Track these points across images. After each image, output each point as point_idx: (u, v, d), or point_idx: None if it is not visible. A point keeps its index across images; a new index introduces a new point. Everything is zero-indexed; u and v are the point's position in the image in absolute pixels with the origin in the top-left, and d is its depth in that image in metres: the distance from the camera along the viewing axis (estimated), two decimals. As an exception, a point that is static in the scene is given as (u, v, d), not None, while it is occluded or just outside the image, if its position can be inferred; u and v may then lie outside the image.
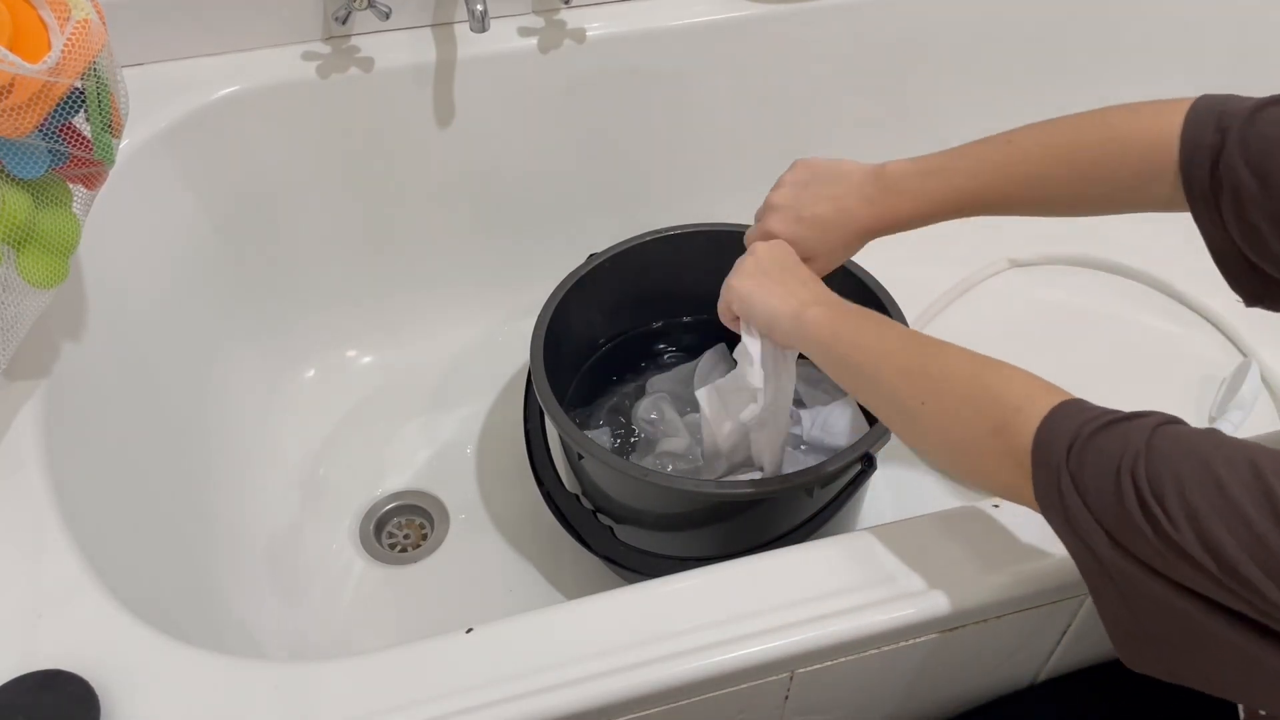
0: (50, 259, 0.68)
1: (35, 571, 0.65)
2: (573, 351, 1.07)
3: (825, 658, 0.63)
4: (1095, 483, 0.50)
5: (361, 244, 1.16)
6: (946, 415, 0.60)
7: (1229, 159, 0.60)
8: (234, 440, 1.07)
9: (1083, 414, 0.53)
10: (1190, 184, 0.62)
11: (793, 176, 0.79)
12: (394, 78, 1.05)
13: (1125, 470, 0.48)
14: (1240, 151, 0.59)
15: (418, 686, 0.59)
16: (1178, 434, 0.49)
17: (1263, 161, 0.58)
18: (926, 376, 0.62)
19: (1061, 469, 0.52)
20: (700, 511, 0.88)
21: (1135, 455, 0.48)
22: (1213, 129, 0.61)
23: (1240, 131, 0.60)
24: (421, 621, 0.99)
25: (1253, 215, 0.59)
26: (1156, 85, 1.33)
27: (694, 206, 1.21)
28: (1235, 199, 0.60)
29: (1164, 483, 0.47)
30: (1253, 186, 0.58)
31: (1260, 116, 0.60)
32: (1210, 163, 0.61)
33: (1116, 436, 0.50)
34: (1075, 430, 0.52)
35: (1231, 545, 0.44)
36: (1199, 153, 0.62)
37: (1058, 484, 0.52)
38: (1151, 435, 0.49)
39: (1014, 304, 1.28)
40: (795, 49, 1.15)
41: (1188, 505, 0.46)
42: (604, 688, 0.59)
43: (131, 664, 0.60)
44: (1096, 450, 0.50)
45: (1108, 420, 0.52)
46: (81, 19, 0.63)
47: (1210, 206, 0.62)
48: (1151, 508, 0.47)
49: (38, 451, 0.71)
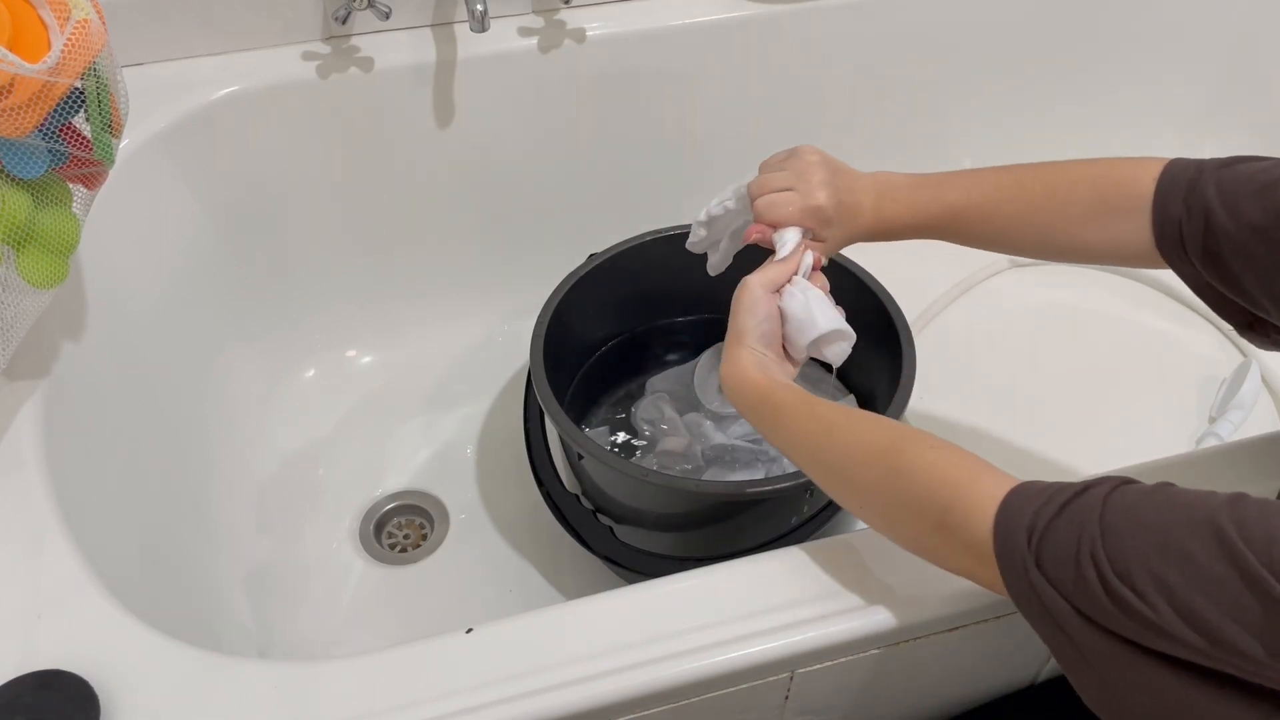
0: (50, 259, 0.68)
1: (35, 571, 0.65)
2: (573, 351, 1.07)
3: (825, 658, 0.63)
4: (1057, 572, 0.49)
5: (361, 244, 1.16)
6: (889, 514, 0.60)
7: (1202, 190, 0.62)
8: (234, 440, 1.07)
9: (1034, 499, 0.52)
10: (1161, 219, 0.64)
11: (817, 159, 0.78)
12: (394, 78, 1.05)
13: (1085, 556, 0.47)
14: (1214, 185, 0.61)
15: (418, 686, 0.59)
16: (1129, 503, 0.48)
17: (1234, 191, 0.60)
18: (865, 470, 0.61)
19: (1028, 563, 0.50)
20: (700, 511, 0.88)
21: (1091, 539, 0.47)
22: (1191, 169, 0.64)
23: (1215, 173, 0.62)
24: (421, 621, 0.99)
25: (1220, 245, 0.61)
26: (1157, 85, 1.33)
27: (694, 206, 1.20)
28: (1205, 230, 0.61)
29: (1128, 562, 0.46)
30: (1221, 214, 0.60)
31: (1236, 165, 0.62)
32: (1183, 196, 0.63)
33: (1069, 521, 0.49)
34: (1031, 521, 0.51)
35: (1214, 614, 0.43)
36: (1174, 189, 0.64)
37: (1027, 577, 0.50)
38: (1103, 510, 0.48)
39: (1014, 304, 1.28)
40: (795, 49, 1.15)
41: (1159, 582, 0.45)
42: (604, 688, 0.59)
43: (131, 664, 0.60)
44: (1053, 539, 0.49)
45: (1060, 503, 0.50)
46: (81, 19, 0.63)
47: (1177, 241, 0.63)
48: (1119, 591, 0.46)
49: (38, 451, 0.71)
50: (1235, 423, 1.10)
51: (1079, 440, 1.10)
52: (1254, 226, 0.59)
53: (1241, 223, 0.59)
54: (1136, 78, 1.32)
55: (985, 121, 1.31)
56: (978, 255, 1.33)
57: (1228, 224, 0.60)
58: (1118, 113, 1.35)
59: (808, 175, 0.76)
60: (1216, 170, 0.62)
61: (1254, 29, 1.29)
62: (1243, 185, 0.60)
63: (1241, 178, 0.60)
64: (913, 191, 0.75)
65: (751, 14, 1.12)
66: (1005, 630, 0.67)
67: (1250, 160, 0.62)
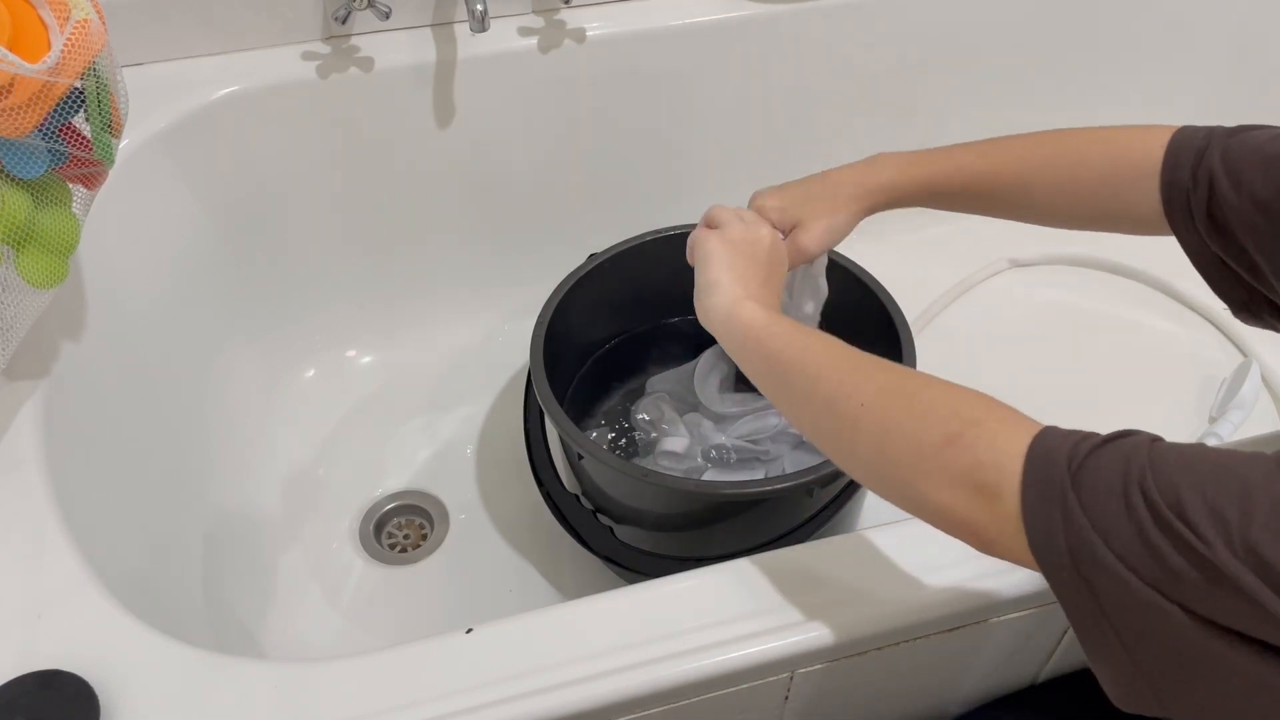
0: (50, 259, 0.68)
1: (35, 571, 0.65)
2: (573, 351, 1.07)
3: (825, 658, 0.63)
4: (1097, 504, 0.45)
5: (361, 244, 1.16)
6: (888, 420, 0.54)
7: (1208, 161, 0.61)
8: (234, 440, 1.07)
9: (1072, 435, 0.49)
10: (1169, 185, 0.63)
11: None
12: (394, 78, 1.05)
13: (1133, 485, 0.44)
14: (1220, 154, 0.61)
15: (418, 686, 0.59)
16: (1177, 446, 0.45)
17: (1238, 162, 0.59)
18: (870, 378, 0.56)
19: (1065, 488, 0.46)
20: (700, 511, 0.88)
21: (1140, 468, 0.44)
22: (1200, 137, 0.63)
23: (1223, 141, 0.61)
24: (421, 621, 0.99)
25: (1225, 214, 0.60)
26: (1157, 85, 1.33)
27: (694, 206, 1.20)
28: (1209, 198, 0.61)
29: (1180, 492, 0.42)
30: (1225, 184, 0.59)
31: (1243, 132, 0.61)
32: (1191, 166, 0.62)
33: (1114, 452, 0.46)
34: (1071, 450, 0.47)
35: (1275, 553, 0.40)
36: (1183, 156, 0.63)
37: (1063, 503, 0.46)
38: (1151, 449, 0.45)
39: (1014, 304, 1.28)
40: (795, 49, 1.15)
41: (1215, 515, 0.41)
42: (604, 688, 0.59)
43: (131, 664, 0.60)
44: (1096, 468, 0.46)
45: (1101, 439, 0.47)
46: (81, 19, 0.63)
47: (1184, 208, 0.62)
48: (1171, 523, 0.42)
49: (38, 451, 0.71)
50: (1235, 423, 1.10)
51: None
52: (1256, 200, 0.58)
53: (1244, 195, 0.59)
54: (1136, 78, 1.32)
55: (985, 122, 1.31)
56: (978, 255, 1.33)
57: (1232, 196, 0.59)
58: (1118, 113, 1.34)
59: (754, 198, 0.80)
60: (1224, 139, 0.61)
61: (1254, 28, 1.29)
62: (1248, 156, 0.59)
63: (1248, 148, 0.60)
64: (909, 158, 0.75)
65: (751, 14, 1.12)
66: (1005, 630, 0.67)
67: (1259, 129, 0.61)
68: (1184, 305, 1.25)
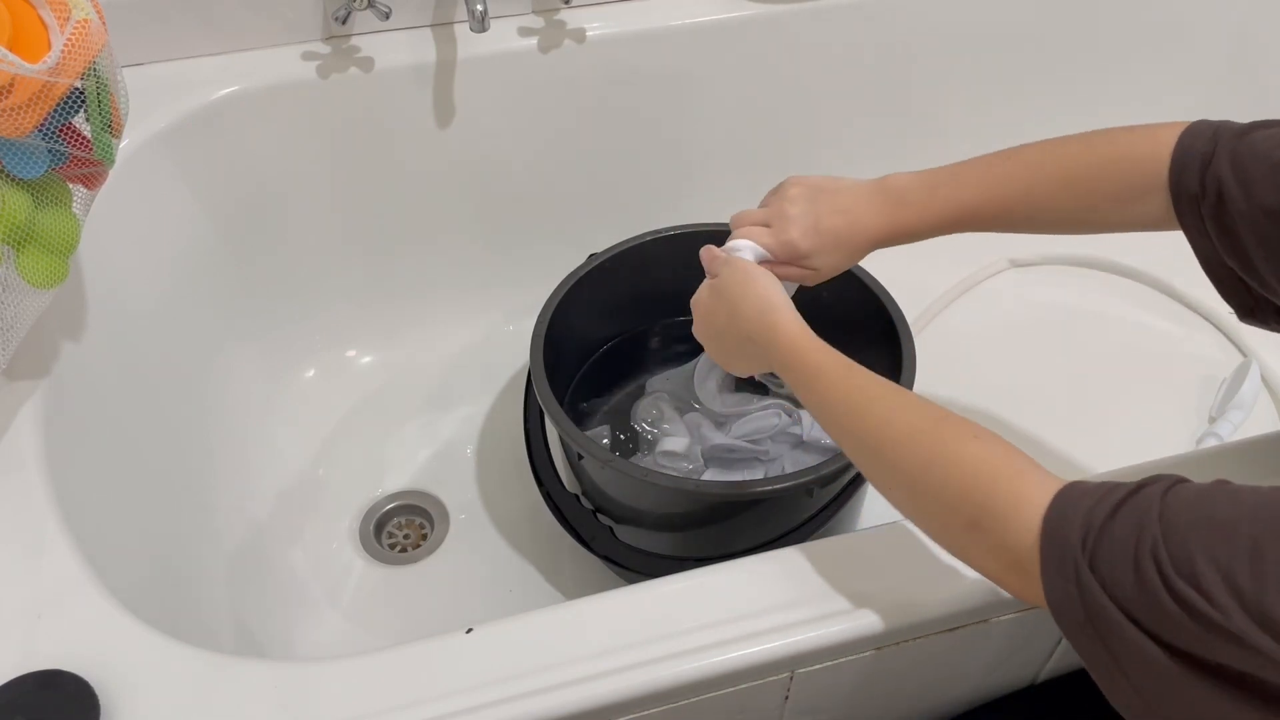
0: (50, 259, 0.68)
1: (35, 571, 0.65)
2: (573, 351, 1.07)
3: (825, 658, 0.63)
4: (1113, 574, 0.46)
5: (361, 244, 1.16)
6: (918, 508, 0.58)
7: (1217, 167, 0.60)
8: (234, 440, 1.07)
9: (1086, 498, 0.49)
10: (1179, 193, 0.62)
11: (797, 191, 0.77)
12: (394, 78, 1.05)
13: (1145, 554, 0.45)
14: (1229, 160, 0.60)
15: (418, 686, 0.59)
16: (1188, 499, 0.45)
17: (1247, 169, 0.59)
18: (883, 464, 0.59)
19: (1080, 565, 0.47)
20: (700, 511, 0.88)
21: (1152, 537, 0.45)
22: (1206, 140, 0.62)
23: (1231, 144, 0.61)
24: (421, 621, 0.99)
25: (1235, 223, 0.59)
26: (1157, 85, 1.33)
27: (694, 206, 1.21)
28: (1218, 206, 0.60)
29: (1192, 560, 0.43)
30: (1235, 192, 0.59)
31: (1252, 134, 0.60)
32: (1199, 171, 0.61)
33: (1125, 519, 0.47)
34: (1085, 520, 0.48)
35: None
36: (1190, 162, 0.62)
37: (1077, 579, 0.47)
38: (1162, 507, 0.45)
39: (1014, 304, 1.28)
40: (795, 49, 1.15)
41: (1228, 581, 0.42)
42: (604, 688, 0.59)
43: (131, 664, 0.60)
44: (1109, 538, 0.47)
45: (1113, 503, 0.48)
46: (81, 19, 0.63)
47: (1196, 215, 0.62)
48: (1183, 591, 0.43)
49: (38, 451, 0.71)
50: (1235, 423, 1.10)
51: (1079, 440, 1.10)
52: (1265, 208, 0.58)
53: (1254, 204, 0.58)
54: (1136, 78, 1.32)
55: (985, 121, 1.31)
56: (978, 255, 1.33)
57: (1242, 204, 0.58)
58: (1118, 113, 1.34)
59: (785, 210, 0.76)
60: (1232, 141, 0.60)
61: (1253, 28, 1.29)
62: (1258, 163, 0.58)
63: (1258, 153, 0.59)
64: (926, 193, 0.73)
65: (752, 14, 1.12)
66: (1005, 630, 0.67)
67: (1267, 127, 0.60)
68: (1184, 305, 1.25)
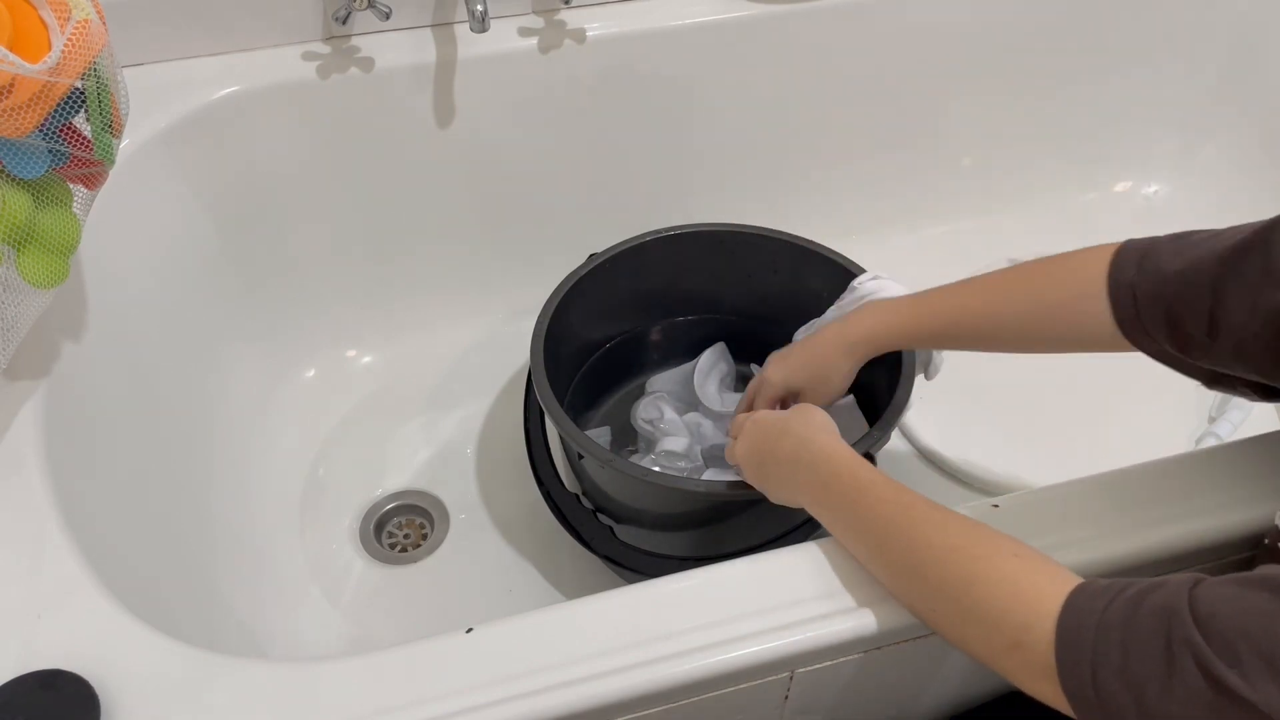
0: (50, 259, 0.68)
1: (35, 571, 0.65)
2: (573, 351, 1.07)
3: (825, 658, 0.63)
4: (1142, 667, 0.45)
5: (361, 244, 1.16)
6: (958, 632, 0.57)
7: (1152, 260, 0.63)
8: (234, 440, 1.07)
9: (1098, 597, 0.49)
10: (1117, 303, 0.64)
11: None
12: (394, 78, 1.05)
13: (1179, 645, 0.44)
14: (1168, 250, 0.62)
15: (418, 686, 0.59)
16: (1220, 593, 0.45)
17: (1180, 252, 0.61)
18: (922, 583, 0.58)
19: (1098, 667, 0.47)
20: (700, 511, 0.88)
21: (1184, 625, 0.44)
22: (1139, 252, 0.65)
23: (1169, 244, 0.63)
24: (421, 621, 0.99)
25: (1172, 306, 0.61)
26: (1156, 83, 1.33)
27: (694, 206, 1.21)
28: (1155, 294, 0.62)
29: (1236, 648, 0.43)
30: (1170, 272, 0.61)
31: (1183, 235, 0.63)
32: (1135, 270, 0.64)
33: (1152, 611, 0.46)
34: (1097, 620, 0.48)
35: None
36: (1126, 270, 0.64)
37: (1093, 683, 0.47)
38: (1191, 600, 0.45)
39: (1014, 304, 1.28)
40: (796, 49, 1.15)
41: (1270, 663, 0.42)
42: (604, 688, 0.59)
43: (131, 664, 0.60)
44: (1135, 634, 0.46)
45: (1134, 595, 0.48)
46: (82, 19, 0.63)
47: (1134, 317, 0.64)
48: (1226, 679, 0.42)
49: (38, 451, 0.71)
50: (1234, 423, 1.10)
51: (1079, 440, 1.10)
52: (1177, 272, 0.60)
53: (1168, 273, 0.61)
54: (1136, 77, 1.32)
55: (985, 121, 1.31)
56: (978, 255, 1.33)
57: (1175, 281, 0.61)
58: (1117, 111, 1.35)
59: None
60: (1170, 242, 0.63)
61: (1253, 26, 1.29)
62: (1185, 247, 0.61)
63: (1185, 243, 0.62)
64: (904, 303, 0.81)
65: (752, 14, 1.12)
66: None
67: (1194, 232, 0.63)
68: (1184, 305, 1.25)
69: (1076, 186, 1.41)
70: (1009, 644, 0.52)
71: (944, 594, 0.56)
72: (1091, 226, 1.38)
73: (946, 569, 0.56)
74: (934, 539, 0.58)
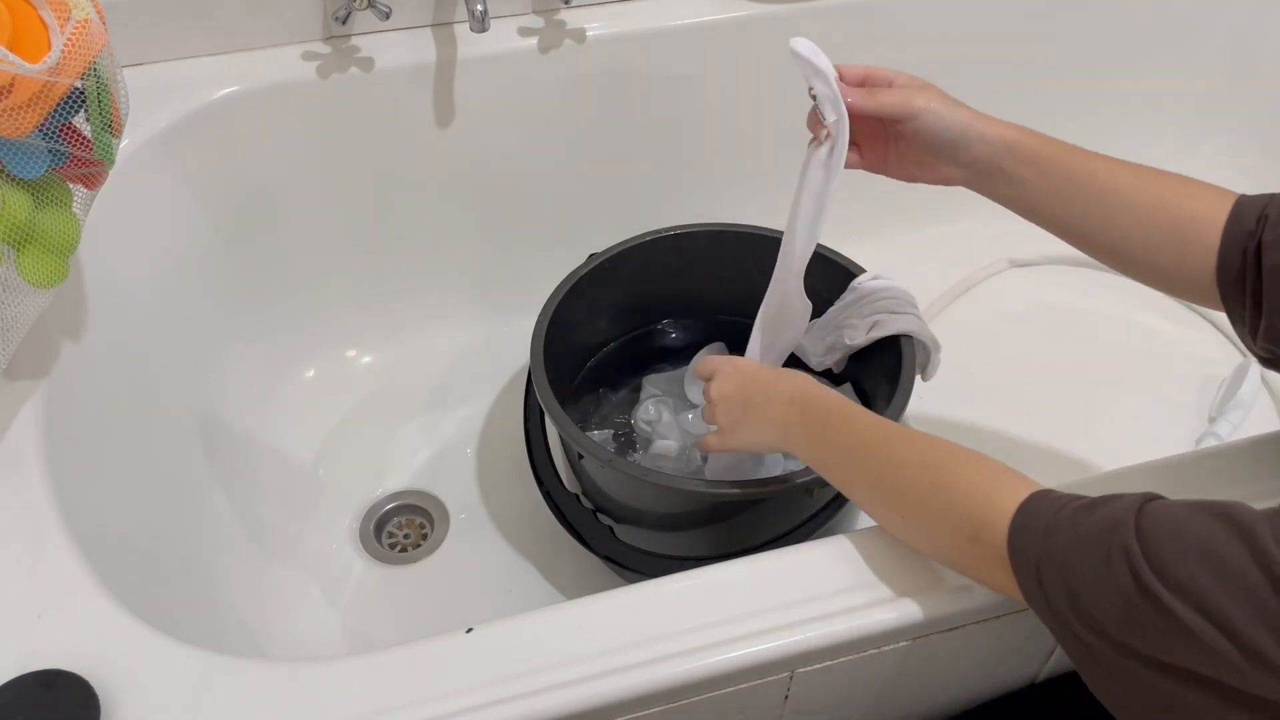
0: (50, 259, 0.68)
1: (35, 571, 0.65)
2: (573, 351, 1.07)
3: (825, 657, 0.63)
4: (1083, 570, 0.49)
5: (361, 244, 1.16)
6: (925, 531, 0.62)
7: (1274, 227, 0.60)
8: (234, 440, 1.07)
9: (1054, 502, 0.53)
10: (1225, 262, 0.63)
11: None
12: (394, 78, 1.05)
13: (1117, 551, 0.47)
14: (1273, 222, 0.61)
15: (418, 686, 0.59)
16: (1167, 509, 0.48)
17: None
18: (897, 494, 0.63)
19: (1042, 560, 0.51)
20: (700, 511, 0.88)
21: (1126, 535, 0.47)
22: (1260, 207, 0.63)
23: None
24: (421, 621, 0.99)
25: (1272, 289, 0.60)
26: (1156, 81, 1.33)
27: (694, 206, 1.21)
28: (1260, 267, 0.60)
29: (1165, 561, 0.45)
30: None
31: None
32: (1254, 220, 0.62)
33: (1099, 519, 0.49)
34: (1048, 520, 0.52)
35: (1243, 620, 0.43)
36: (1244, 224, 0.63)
37: (1037, 575, 0.52)
38: (1139, 516, 0.48)
39: (1014, 304, 1.28)
40: (795, 49, 1.15)
41: (1195, 585, 0.44)
42: (604, 688, 0.59)
43: (131, 664, 0.60)
44: (1080, 537, 0.50)
45: (1084, 504, 0.51)
46: (82, 19, 0.63)
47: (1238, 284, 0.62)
48: (1153, 587, 0.45)
49: (38, 451, 0.71)
50: (1235, 423, 1.10)
51: (1079, 440, 1.10)
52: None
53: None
54: (1136, 78, 1.32)
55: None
56: (978, 255, 1.33)
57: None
58: (1117, 112, 1.35)
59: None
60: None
61: (1253, 26, 1.29)
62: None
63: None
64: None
65: (752, 14, 1.12)
66: (1005, 630, 0.67)
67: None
68: (1184, 305, 1.25)
69: (1076, 186, 1.41)
70: (969, 538, 0.57)
71: (915, 501, 0.62)
72: (1091, 226, 1.38)
73: (919, 478, 0.62)
74: (909, 456, 0.63)
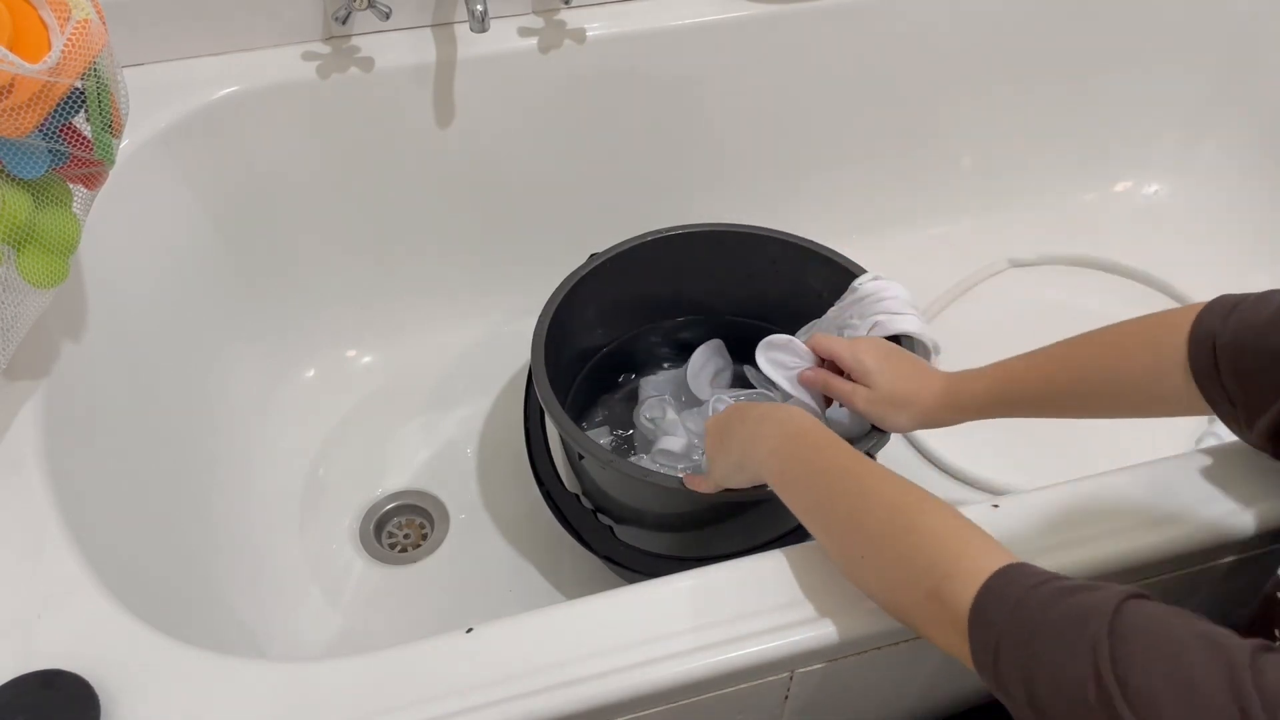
0: (50, 259, 0.68)
1: (35, 571, 0.65)
2: (573, 351, 1.07)
3: (825, 657, 0.63)
4: (1044, 654, 0.47)
5: (361, 244, 1.16)
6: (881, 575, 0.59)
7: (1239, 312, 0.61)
8: (234, 440, 1.07)
9: (1032, 576, 0.51)
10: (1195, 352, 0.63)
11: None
12: (394, 78, 1.05)
13: (1084, 644, 0.45)
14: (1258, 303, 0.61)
15: (418, 686, 0.59)
16: (1150, 612, 0.46)
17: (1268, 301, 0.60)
18: (860, 530, 0.60)
19: (1004, 635, 0.49)
20: (700, 511, 0.88)
21: (1099, 627, 0.45)
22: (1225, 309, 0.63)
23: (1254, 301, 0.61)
24: (421, 621, 0.99)
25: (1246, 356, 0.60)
26: (1156, 80, 1.33)
27: (694, 206, 1.21)
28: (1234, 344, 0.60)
29: (1131, 665, 0.43)
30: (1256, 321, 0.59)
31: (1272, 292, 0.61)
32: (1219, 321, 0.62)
33: (1075, 605, 0.47)
34: (1021, 595, 0.50)
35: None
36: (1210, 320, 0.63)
37: (996, 649, 0.49)
38: (1118, 610, 0.46)
39: (1014, 304, 1.28)
40: (796, 50, 1.15)
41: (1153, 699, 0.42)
42: (604, 688, 0.59)
43: (131, 664, 0.60)
44: (1050, 620, 0.48)
45: (1065, 586, 0.49)
46: (82, 19, 0.63)
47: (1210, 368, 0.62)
48: (1109, 688, 0.43)
49: (38, 451, 0.71)
50: (1235, 423, 1.09)
51: (1078, 440, 1.10)
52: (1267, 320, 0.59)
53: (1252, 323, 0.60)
54: (1136, 78, 1.32)
55: (984, 121, 1.31)
56: (978, 255, 1.33)
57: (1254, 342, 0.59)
58: (1116, 111, 1.35)
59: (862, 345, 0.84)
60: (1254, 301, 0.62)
61: (1253, 26, 1.29)
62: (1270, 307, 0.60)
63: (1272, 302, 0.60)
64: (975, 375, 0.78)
65: (752, 14, 1.12)
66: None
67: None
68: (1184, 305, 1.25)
69: (1076, 186, 1.41)
70: (927, 592, 0.54)
71: (879, 541, 0.59)
72: (1091, 226, 1.38)
73: (889, 520, 0.59)
74: (885, 493, 0.61)
